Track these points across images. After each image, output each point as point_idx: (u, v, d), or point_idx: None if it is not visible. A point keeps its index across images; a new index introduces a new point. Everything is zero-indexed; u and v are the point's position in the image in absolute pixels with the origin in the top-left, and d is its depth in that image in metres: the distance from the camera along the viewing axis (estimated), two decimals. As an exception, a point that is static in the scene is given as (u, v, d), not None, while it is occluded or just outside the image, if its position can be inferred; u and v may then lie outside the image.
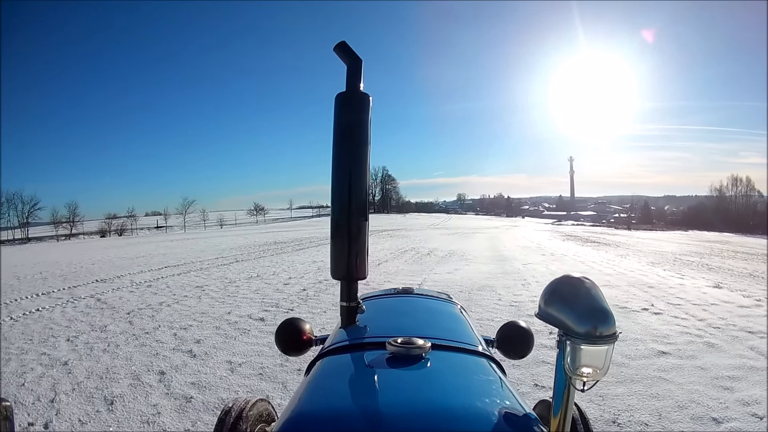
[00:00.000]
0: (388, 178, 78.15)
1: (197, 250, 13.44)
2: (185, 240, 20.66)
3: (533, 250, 11.57)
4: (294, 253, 10.90)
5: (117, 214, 45.40)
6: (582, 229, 28.96)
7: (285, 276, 7.02)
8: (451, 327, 1.11)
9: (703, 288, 5.75)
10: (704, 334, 3.61)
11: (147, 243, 20.08)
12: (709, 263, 8.75)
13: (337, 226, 1.01)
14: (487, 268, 7.50)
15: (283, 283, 6.28)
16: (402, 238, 16.01)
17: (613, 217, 58.79)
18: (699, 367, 2.87)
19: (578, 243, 14.59)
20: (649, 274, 6.98)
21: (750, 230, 28.47)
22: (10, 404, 0.61)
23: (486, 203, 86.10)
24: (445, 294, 1.50)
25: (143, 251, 13.81)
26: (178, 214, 50.37)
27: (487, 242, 14.53)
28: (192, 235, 28.25)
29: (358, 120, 1.02)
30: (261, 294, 5.51)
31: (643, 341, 3.39)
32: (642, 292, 5.40)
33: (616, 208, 73.05)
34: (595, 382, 0.65)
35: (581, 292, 0.64)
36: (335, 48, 1.06)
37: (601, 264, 8.44)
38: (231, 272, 7.74)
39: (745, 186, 43.53)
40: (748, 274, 7.10)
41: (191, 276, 7.36)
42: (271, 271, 7.62)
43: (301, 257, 9.91)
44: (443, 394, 0.68)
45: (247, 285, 6.22)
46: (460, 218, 52.22)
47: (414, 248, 11.68)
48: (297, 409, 0.67)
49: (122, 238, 34.55)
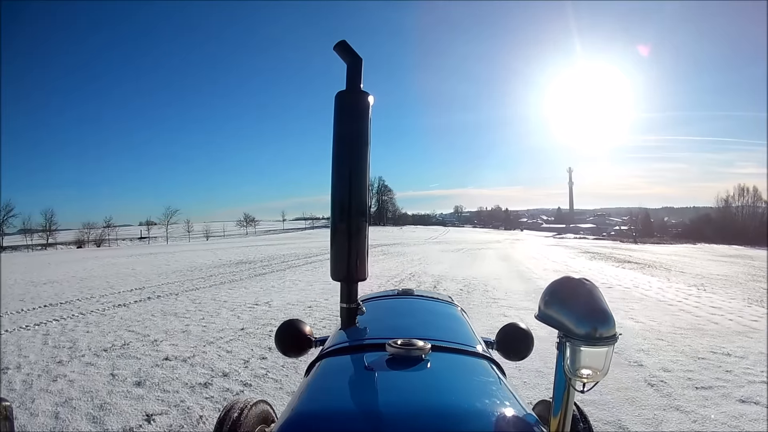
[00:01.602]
0: (385, 189, 75.24)
1: (133, 273, 10.56)
2: (145, 255, 17.69)
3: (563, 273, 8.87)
4: (249, 281, 8.09)
5: (94, 224, 41.68)
6: (590, 244, 26.94)
7: (183, 346, 4.22)
8: (451, 328, 1.10)
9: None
10: None
11: (103, 258, 17.18)
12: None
13: (337, 227, 1.00)
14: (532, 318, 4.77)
15: (153, 365, 3.49)
16: (398, 257, 13.25)
17: (614, 229, 57.23)
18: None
19: (612, 264, 11.93)
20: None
21: (755, 242, 26.20)
22: (10, 404, 0.61)
23: (483, 215, 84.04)
24: (445, 295, 1.50)
25: (71, 272, 10.86)
26: (169, 224, 47.10)
27: (503, 264, 11.80)
28: (165, 248, 25.15)
29: (359, 119, 1.01)
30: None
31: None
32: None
33: (616, 221, 71.86)
34: (594, 383, 0.65)
35: (581, 294, 0.66)
36: (335, 47, 1.05)
37: (698, 306, 5.78)
38: (106, 327, 4.90)
39: (752, 196, 42.04)
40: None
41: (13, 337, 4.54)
42: (176, 325, 4.81)
43: (252, 288, 7.12)
44: (443, 395, 0.68)
45: (80, 371, 3.43)
46: (458, 231, 49.62)
47: (413, 274, 8.94)
48: (296, 410, 0.67)
49: (99, 249, 31.18)
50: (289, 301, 5.88)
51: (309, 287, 7.19)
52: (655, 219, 63.10)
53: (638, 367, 3.22)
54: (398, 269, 9.88)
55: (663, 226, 57.75)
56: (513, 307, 5.43)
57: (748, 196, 41.68)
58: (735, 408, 2.54)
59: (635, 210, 61.42)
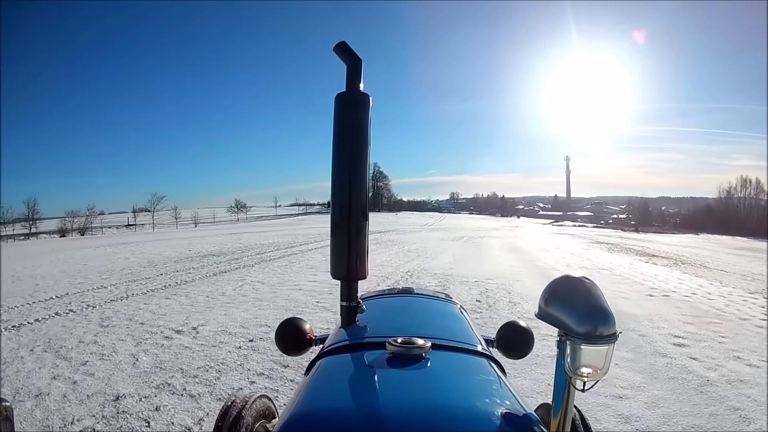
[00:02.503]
0: (380, 174, 72.86)
1: (77, 271, 8.75)
2: (115, 246, 15.83)
3: (596, 272, 7.25)
4: (200, 283, 6.31)
5: (79, 212, 38.05)
6: (593, 232, 25.82)
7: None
8: (451, 327, 1.10)
9: None
10: None
11: (67, 249, 15.42)
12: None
13: (337, 226, 1.00)
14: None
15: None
16: (391, 248, 11.52)
17: (612, 218, 56.33)
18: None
19: (639, 258, 10.30)
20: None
21: (756, 234, 25.26)
22: (10, 404, 0.60)
23: (480, 202, 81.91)
24: (445, 293, 1.47)
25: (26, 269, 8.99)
26: (165, 210, 44.28)
27: (515, 257, 10.04)
28: (145, 237, 23.17)
29: (358, 120, 1.01)
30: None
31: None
32: None
33: (614, 209, 71.05)
34: (595, 381, 0.64)
35: (581, 292, 0.65)
36: (335, 48, 1.04)
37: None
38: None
39: (754, 188, 41.12)
40: None
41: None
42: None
43: (195, 296, 5.34)
44: (443, 394, 0.68)
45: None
46: (454, 218, 47.95)
47: (411, 272, 7.23)
48: (298, 408, 0.67)
49: (82, 238, 28.91)
50: (227, 327, 4.03)
51: (271, 294, 5.44)
52: (653, 208, 62.21)
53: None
54: (392, 264, 8.15)
55: (662, 216, 56.69)
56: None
57: (750, 188, 41.06)
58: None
59: (634, 199, 60.56)
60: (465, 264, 8.42)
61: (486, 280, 6.39)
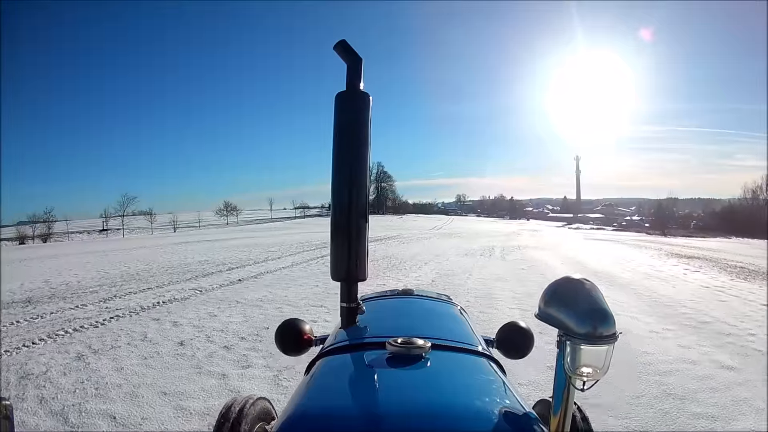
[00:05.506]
0: (384, 175, 69.46)
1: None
2: (61, 257, 13.15)
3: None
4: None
5: (37, 217, 34.76)
6: (628, 237, 22.86)
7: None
8: (451, 327, 1.11)
9: None
10: None
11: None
12: None
13: (337, 227, 0.99)
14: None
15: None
16: (390, 273, 8.64)
17: (625, 220, 53.40)
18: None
19: (739, 279, 7.33)
20: None
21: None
22: (10, 403, 0.59)
23: (487, 204, 79.17)
24: (445, 295, 1.48)
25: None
26: (125, 215, 40.14)
27: (623, 296, 7.08)
28: (102, 245, 20.46)
29: (358, 120, 1.01)
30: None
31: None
32: None
33: (625, 211, 68.14)
34: (594, 381, 0.65)
35: (581, 293, 0.65)
36: (335, 46, 1.03)
37: None
38: None
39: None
40: None
41: None
42: None
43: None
44: (443, 393, 0.68)
45: None
46: (463, 221, 45.12)
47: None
48: (296, 408, 0.66)
49: (44, 245, 26.23)
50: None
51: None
52: (668, 210, 59.14)
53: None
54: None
55: (681, 218, 53.56)
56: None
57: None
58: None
59: (644, 201, 57.51)
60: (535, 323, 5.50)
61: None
